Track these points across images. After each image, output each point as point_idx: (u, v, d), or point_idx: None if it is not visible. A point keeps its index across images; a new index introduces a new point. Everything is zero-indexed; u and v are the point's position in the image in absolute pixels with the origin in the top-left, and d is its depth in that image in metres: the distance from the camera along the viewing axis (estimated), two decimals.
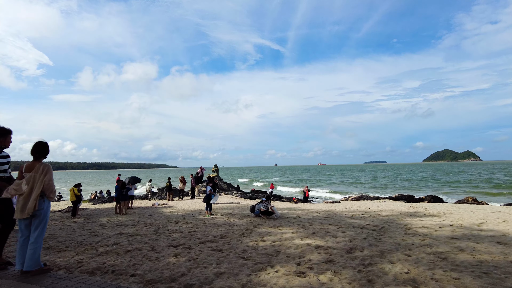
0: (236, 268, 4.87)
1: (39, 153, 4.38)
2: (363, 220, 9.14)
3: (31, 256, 4.21)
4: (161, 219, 10.55)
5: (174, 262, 5.22)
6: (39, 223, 4.29)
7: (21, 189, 4.22)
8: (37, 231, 4.28)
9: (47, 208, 4.38)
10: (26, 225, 4.29)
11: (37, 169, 4.28)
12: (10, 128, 4.83)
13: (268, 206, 9.80)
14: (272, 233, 7.45)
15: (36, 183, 4.22)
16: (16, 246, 4.37)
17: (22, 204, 4.16)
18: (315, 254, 5.56)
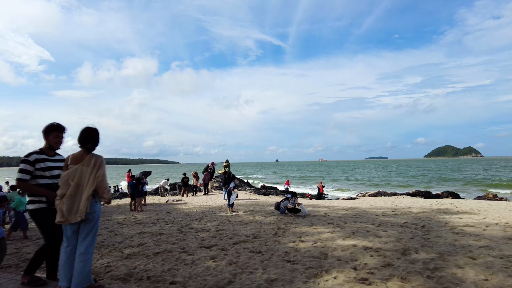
0: (287, 273, 4.32)
1: (89, 142, 3.38)
2: (397, 218, 8.58)
3: (80, 271, 3.29)
4: (181, 216, 9.99)
5: (214, 267, 4.67)
6: (90, 230, 3.37)
7: (65, 186, 3.32)
8: (87, 240, 3.35)
9: (99, 211, 3.48)
10: (74, 232, 3.36)
11: (87, 161, 3.33)
12: (57, 124, 3.69)
13: (295, 203, 9.23)
14: (308, 232, 6.89)
15: (86, 179, 3.30)
16: (60, 258, 3.47)
17: (68, 205, 3.22)
18: (368, 257, 5.00)
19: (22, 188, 3.56)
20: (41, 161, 3.56)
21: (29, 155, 3.54)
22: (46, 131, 3.64)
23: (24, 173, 3.45)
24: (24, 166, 3.46)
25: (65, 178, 3.31)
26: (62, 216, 3.24)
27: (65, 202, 3.24)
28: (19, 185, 3.50)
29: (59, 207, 3.28)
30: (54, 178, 3.67)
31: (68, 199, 3.24)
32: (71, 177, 3.28)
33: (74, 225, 3.35)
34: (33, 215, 3.53)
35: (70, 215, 3.24)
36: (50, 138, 3.65)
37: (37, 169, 3.55)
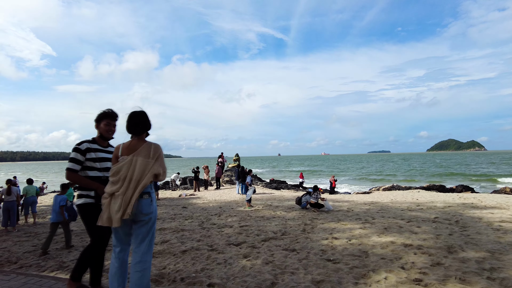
0: (331, 274, 3.99)
1: (141, 127, 2.78)
2: (425, 213, 8.23)
3: (137, 282, 2.73)
4: (198, 211, 9.68)
5: (250, 266, 4.33)
6: (145, 234, 2.76)
7: (115, 181, 2.72)
8: (142, 246, 2.76)
9: (156, 213, 2.87)
10: (127, 234, 2.81)
11: (143, 151, 2.72)
12: (108, 110, 3.22)
13: (318, 197, 8.89)
14: (338, 229, 6.55)
15: (143, 172, 2.68)
16: (110, 265, 2.94)
17: (119, 203, 2.63)
18: (412, 255, 4.66)
19: (71, 179, 3.10)
20: (93, 151, 3.11)
21: (81, 143, 3.11)
22: (97, 119, 3.22)
23: (74, 162, 3.03)
24: (75, 155, 3.03)
25: (115, 172, 2.72)
26: (108, 217, 2.68)
27: (115, 200, 2.66)
28: (68, 176, 3.06)
29: (105, 206, 2.72)
30: (105, 171, 3.21)
31: (120, 196, 2.65)
32: (124, 171, 2.68)
33: (126, 227, 2.78)
34: (80, 210, 3.13)
35: (120, 214, 2.67)
36: (101, 126, 3.22)
37: (87, 159, 3.10)
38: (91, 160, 3.11)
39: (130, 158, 2.70)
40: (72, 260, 4.90)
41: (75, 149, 3.07)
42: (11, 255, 5.36)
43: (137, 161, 2.69)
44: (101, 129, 3.22)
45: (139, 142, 2.79)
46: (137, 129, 2.79)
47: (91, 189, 3.10)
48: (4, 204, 7.51)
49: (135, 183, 2.66)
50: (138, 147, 2.75)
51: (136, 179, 2.67)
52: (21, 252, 5.53)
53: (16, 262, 4.94)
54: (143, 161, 2.69)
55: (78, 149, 3.07)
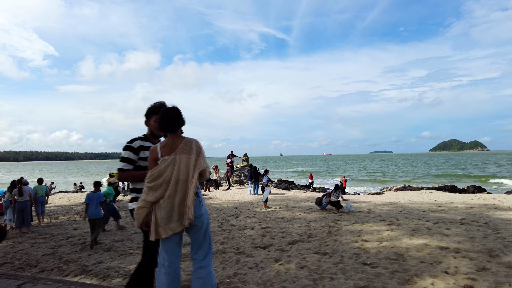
0: (373, 279, 3.77)
1: (174, 123, 2.46)
2: (449, 214, 7.98)
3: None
4: (215, 212, 9.47)
5: (284, 271, 4.12)
6: (202, 240, 2.48)
7: (158, 186, 2.37)
8: (201, 251, 2.49)
9: (207, 214, 2.57)
10: (177, 245, 2.45)
11: (185, 148, 2.42)
12: (158, 104, 2.85)
13: (340, 196, 8.68)
14: (364, 231, 6.32)
15: (189, 171, 2.37)
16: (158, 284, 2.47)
17: (168, 210, 2.32)
18: (452, 259, 4.43)
19: (124, 179, 2.73)
20: (146, 149, 2.76)
21: (133, 141, 2.77)
22: (147, 114, 2.88)
23: (126, 162, 2.70)
24: (128, 154, 2.71)
25: (157, 175, 2.37)
26: (157, 229, 2.34)
27: (162, 207, 2.33)
28: (120, 177, 2.71)
29: (145, 216, 2.38)
30: None
31: (167, 202, 2.33)
32: (168, 172, 2.36)
33: (177, 236, 2.43)
34: (132, 215, 2.75)
35: (171, 223, 2.33)
36: (151, 123, 2.88)
37: (141, 159, 2.75)
38: (145, 159, 2.76)
39: (173, 157, 2.39)
40: (94, 264, 4.70)
41: (127, 148, 2.73)
42: (29, 258, 5.17)
43: (181, 159, 2.39)
44: (151, 126, 2.88)
45: (177, 139, 2.48)
46: (170, 126, 2.46)
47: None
48: (17, 205, 7.36)
49: (183, 184, 2.36)
50: (178, 144, 2.44)
51: (184, 179, 2.36)
52: (40, 254, 5.33)
53: (36, 266, 4.75)
54: (188, 158, 2.39)
55: (130, 147, 2.73)
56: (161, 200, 2.36)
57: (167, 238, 2.39)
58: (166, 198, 2.34)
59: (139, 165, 2.75)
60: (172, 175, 2.36)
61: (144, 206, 2.38)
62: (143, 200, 2.39)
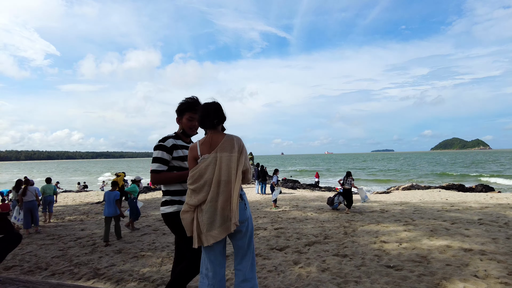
0: (401, 283, 3.60)
1: (212, 118, 2.22)
2: (465, 214, 7.79)
3: None
4: None
5: (306, 275, 3.95)
6: (246, 248, 2.23)
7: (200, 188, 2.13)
8: (246, 261, 2.23)
9: (251, 219, 2.34)
10: (220, 253, 2.22)
11: (226, 146, 2.18)
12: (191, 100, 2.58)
13: (352, 183, 8.62)
14: (381, 231, 6.15)
15: (231, 170, 2.13)
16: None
17: (210, 214, 2.09)
18: (479, 261, 4.25)
19: (158, 182, 2.43)
20: (180, 148, 2.51)
21: (165, 139, 2.49)
22: (179, 111, 2.61)
23: (160, 162, 2.42)
24: (161, 154, 2.44)
25: (198, 176, 2.13)
26: (199, 235, 2.11)
27: (204, 211, 2.09)
28: (154, 179, 2.43)
29: (189, 222, 2.15)
30: None
31: (209, 205, 2.09)
32: (209, 172, 2.12)
33: (221, 243, 2.19)
34: (170, 220, 2.42)
35: (213, 229, 2.08)
36: (183, 121, 2.61)
37: (174, 158, 2.47)
38: (179, 159, 2.49)
39: (213, 156, 2.14)
40: (107, 267, 4.54)
41: (160, 147, 2.46)
42: (39, 260, 5.02)
43: (222, 158, 2.14)
44: (183, 124, 2.61)
45: (217, 136, 2.22)
46: (209, 121, 2.22)
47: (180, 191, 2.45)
48: (25, 205, 7.28)
49: (226, 186, 2.11)
50: (218, 141, 2.18)
51: (226, 180, 2.11)
52: (49, 257, 5.18)
53: (47, 269, 4.60)
54: (229, 157, 2.15)
55: (163, 146, 2.46)
56: (203, 204, 2.13)
57: (210, 246, 2.15)
58: (208, 201, 2.10)
59: (173, 165, 2.48)
60: (213, 175, 2.12)
61: (188, 210, 2.16)
62: (186, 203, 2.17)
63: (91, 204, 12.66)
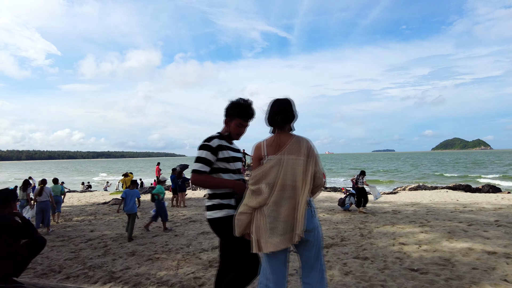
0: (429, 287, 3.47)
1: (281, 117, 2.06)
2: (479, 215, 7.67)
3: None
4: None
5: (329, 278, 3.86)
6: (315, 257, 2.05)
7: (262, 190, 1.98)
8: (314, 274, 2.05)
9: (320, 228, 2.12)
10: (283, 263, 2.06)
11: (293, 148, 2.01)
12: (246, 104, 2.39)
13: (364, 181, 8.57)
14: (398, 233, 6.03)
15: (298, 175, 1.96)
16: None
17: (272, 220, 1.93)
18: (505, 265, 4.14)
19: (199, 183, 2.28)
20: (225, 149, 2.36)
21: (211, 139, 2.33)
22: (229, 114, 2.40)
23: (203, 163, 2.26)
24: (205, 154, 2.28)
25: (260, 177, 1.99)
26: (258, 240, 1.95)
27: (266, 215, 1.94)
28: (195, 180, 2.26)
29: (245, 224, 2.02)
30: (238, 173, 2.43)
31: (271, 210, 1.94)
32: (273, 174, 1.96)
33: (283, 253, 2.01)
34: (221, 226, 2.25)
35: (275, 236, 1.91)
36: (231, 125, 2.42)
37: (219, 160, 2.32)
38: (224, 160, 2.33)
39: (279, 158, 1.98)
40: (122, 270, 4.44)
41: (205, 147, 2.30)
42: (51, 262, 4.91)
43: (288, 161, 1.97)
44: (231, 128, 2.42)
45: (284, 137, 2.05)
46: (277, 120, 2.05)
47: (229, 194, 2.28)
48: (37, 205, 7.31)
49: (291, 191, 1.94)
50: (285, 142, 2.02)
51: (291, 185, 1.94)
52: (62, 259, 5.07)
53: (60, 271, 4.49)
54: (295, 160, 1.97)
55: (208, 146, 2.29)
56: (264, 207, 1.97)
57: (273, 254, 1.96)
58: (270, 205, 1.94)
59: (218, 166, 2.32)
60: (277, 178, 1.96)
61: (245, 211, 2.02)
62: (245, 204, 2.03)
63: (98, 204, 12.56)
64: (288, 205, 1.93)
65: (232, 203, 2.28)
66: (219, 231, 2.28)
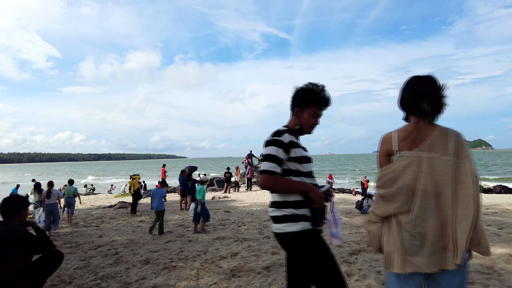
0: None
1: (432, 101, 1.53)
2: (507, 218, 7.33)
3: None
4: (245, 215, 8.86)
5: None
6: (459, 285, 1.50)
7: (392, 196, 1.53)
8: None
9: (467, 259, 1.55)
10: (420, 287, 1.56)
11: (435, 143, 1.49)
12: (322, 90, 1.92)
13: None
14: None
15: (444, 180, 1.46)
16: None
17: (416, 234, 1.47)
18: None
19: (271, 187, 1.81)
20: (296, 146, 1.89)
21: (281, 133, 1.87)
22: (302, 102, 1.94)
23: (275, 162, 1.81)
24: (276, 151, 1.81)
25: (390, 178, 1.53)
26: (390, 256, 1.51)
27: (406, 229, 1.48)
28: (266, 182, 1.80)
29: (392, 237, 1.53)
30: (311, 177, 1.95)
31: (414, 223, 1.46)
32: (408, 177, 1.49)
33: (418, 278, 1.51)
34: (292, 242, 1.82)
35: (418, 256, 1.45)
36: (303, 116, 1.95)
37: (291, 159, 1.86)
38: (296, 161, 1.87)
39: (416, 156, 1.49)
40: (137, 280, 4.09)
41: (275, 142, 1.84)
42: (61, 272, 4.56)
43: (431, 160, 1.47)
44: (303, 119, 1.95)
45: (426, 128, 1.54)
46: (416, 104, 1.55)
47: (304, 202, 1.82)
48: (46, 207, 7.34)
49: (435, 199, 1.46)
50: (426, 136, 1.51)
51: (435, 192, 1.46)
52: (71, 268, 4.73)
53: (71, 282, 4.15)
54: (441, 161, 1.46)
55: (279, 142, 1.83)
56: (401, 217, 1.50)
57: (409, 277, 1.50)
58: (414, 218, 1.46)
59: (287, 168, 1.86)
60: (414, 182, 1.48)
61: (375, 221, 1.61)
62: (373, 212, 1.61)
63: (103, 208, 12.22)
64: (435, 219, 1.46)
65: (308, 214, 1.82)
66: (293, 248, 1.83)
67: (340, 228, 1.99)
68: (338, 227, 1.96)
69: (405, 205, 1.48)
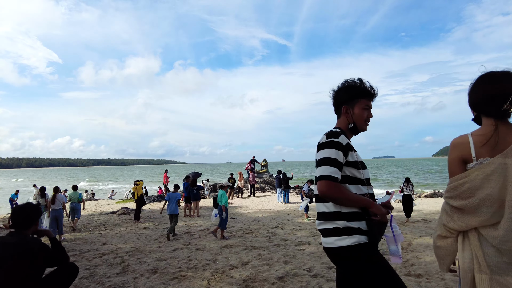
0: None
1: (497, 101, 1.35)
2: None
3: None
4: (251, 222, 8.70)
5: None
6: None
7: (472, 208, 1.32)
8: None
9: None
10: None
11: None
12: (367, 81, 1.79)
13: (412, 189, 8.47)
14: None
15: None
16: None
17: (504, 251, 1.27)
18: None
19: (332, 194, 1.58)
20: (353, 150, 1.72)
21: (338, 134, 1.67)
22: (349, 97, 1.78)
23: (335, 166, 1.60)
24: (336, 154, 1.61)
25: (465, 188, 1.34)
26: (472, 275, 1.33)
27: (492, 244, 1.30)
28: (327, 190, 1.57)
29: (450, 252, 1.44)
30: (368, 185, 1.76)
31: (506, 239, 1.27)
32: (490, 187, 1.30)
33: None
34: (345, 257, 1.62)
35: (510, 274, 1.27)
36: (354, 111, 1.77)
37: (348, 164, 1.67)
38: (353, 166, 1.68)
39: (501, 163, 1.29)
40: None
41: (334, 144, 1.64)
42: None
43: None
44: (355, 115, 1.76)
45: (508, 131, 1.36)
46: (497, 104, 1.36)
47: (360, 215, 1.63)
48: (51, 213, 7.33)
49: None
50: (509, 140, 1.34)
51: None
52: (77, 278, 4.55)
53: None
54: None
55: (338, 144, 1.64)
56: (485, 231, 1.32)
57: None
58: (504, 233, 1.26)
59: (344, 174, 1.65)
60: (504, 192, 1.28)
61: (447, 236, 1.43)
62: (444, 225, 1.42)
63: (105, 214, 12.02)
64: None
65: (363, 228, 1.62)
66: (347, 264, 1.62)
67: (400, 245, 1.82)
68: (398, 244, 1.79)
69: (492, 218, 1.30)
